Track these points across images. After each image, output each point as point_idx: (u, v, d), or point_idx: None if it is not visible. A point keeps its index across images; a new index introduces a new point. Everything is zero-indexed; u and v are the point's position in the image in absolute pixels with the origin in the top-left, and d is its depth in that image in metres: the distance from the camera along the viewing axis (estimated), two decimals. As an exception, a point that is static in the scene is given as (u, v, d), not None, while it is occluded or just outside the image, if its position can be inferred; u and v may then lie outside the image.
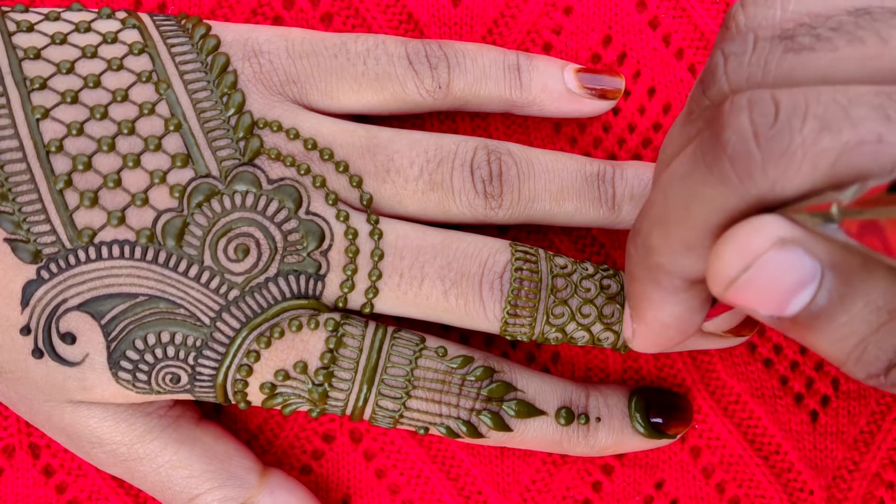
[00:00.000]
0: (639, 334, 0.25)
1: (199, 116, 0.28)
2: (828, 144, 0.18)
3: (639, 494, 0.33)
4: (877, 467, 0.33)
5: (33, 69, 0.28)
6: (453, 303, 0.29)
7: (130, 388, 0.28)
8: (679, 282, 0.22)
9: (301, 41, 0.30)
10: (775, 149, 0.18)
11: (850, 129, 0.18)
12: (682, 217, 0.21)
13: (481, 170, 0.30)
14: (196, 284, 0.28)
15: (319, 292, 0.29)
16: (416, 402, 0.29)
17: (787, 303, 0.19)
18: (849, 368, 0.20)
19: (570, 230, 0.34)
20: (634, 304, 0.24)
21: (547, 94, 0.31)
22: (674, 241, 0.21)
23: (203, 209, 0.28)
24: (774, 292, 0.19)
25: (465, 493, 0.33)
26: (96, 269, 0.27)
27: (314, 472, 0.33)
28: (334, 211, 0.29)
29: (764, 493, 0.33)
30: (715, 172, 0.19)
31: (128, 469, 0.29)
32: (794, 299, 0.19)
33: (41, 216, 0.27)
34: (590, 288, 0.30)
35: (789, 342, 0.34)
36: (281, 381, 0.28)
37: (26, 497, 0.32)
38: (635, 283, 0.24)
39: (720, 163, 0.19)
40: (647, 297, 0.23)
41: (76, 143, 0.27)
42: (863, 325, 0.19)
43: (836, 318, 0.19)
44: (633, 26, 0.34)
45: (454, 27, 0.34)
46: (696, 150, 0.20)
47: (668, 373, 0.33)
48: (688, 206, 0.20)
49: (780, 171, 0.18)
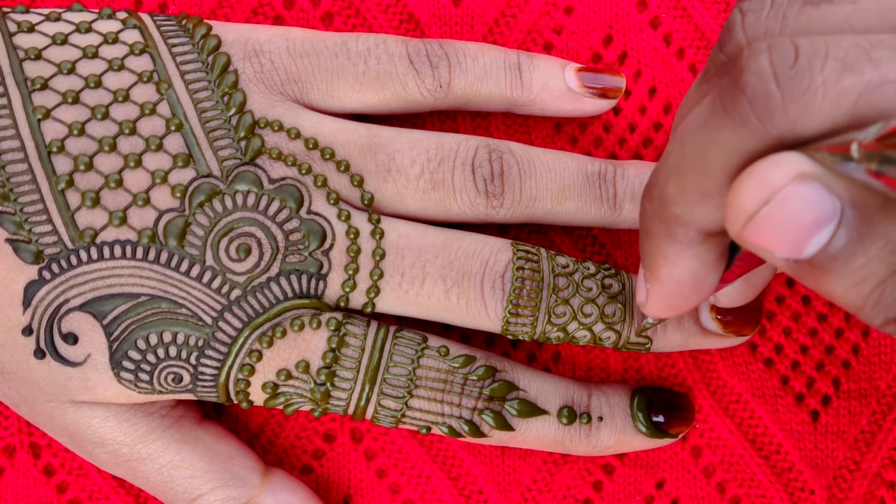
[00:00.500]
0: (652, 295, 0.25)
1: (200, 116, 0.28)
2: (849, 84, 0.18)
3: (639, 494, 0.33)
4: (878, 467, 0.33)
5: (34, 69, 0.28)
6: (455, 302, 0.29)
7: (132, 388, 0.28)
8: (694, 234, 0.22)
9: (302, 41, 0.30)
10: (796, 88, 0.18)
11: (873, 68, 0.18)
12: (700, 164, 0.20)
13: (482, 168, 0.30)
14: (198, 284, 0.28)
15: (321, 292, 0.29)
16: (419, 401, 0.29)
17: (805, 242, 0.19)
18: (866, 314, 0.19)
19: (571, 230, 0.34)
20: (648, 261, 0.24)
21: (548, 93, 0.31)
22: (690, 190, 0.21)
23: (205, 209, 0.28)
24: (792, 230, 0.18)
25: (466, 493, 0.33)
26: (98, 270, 0.27)
27: (315, 472, 0.33)
28: (336, 210, 0.29)
29: (765, 492, 0.33)
30: (733, 115, 0.19)
31: (130, 469, 0.29)
32: (813, 239, 0.18)
33: (43, 216, 0.27)
34: (591, 287, 0.30)
35: (790, 342, 0.34)
36: (283, 381, 0.28)
37: (27, 497, 0.32)
38: (650, 239, 0.24)
39: (739, 105, 0.19)
40: (662, 253, 0.23)
41: (77, 143, 0.27)
42: (882, 266, 0.19)
43: (855, 259, 0.19)
44: (634, 26, 0.34)
45: (455, 27, 0.34)
46: (714, 98, 0.20)
47: (670, 372, 0.34)
48: (705, 151, 0.20)
49: (801, 110, 0.18)
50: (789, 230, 0.19)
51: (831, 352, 0.34)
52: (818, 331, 0.34)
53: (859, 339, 0.34)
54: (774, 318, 0.34)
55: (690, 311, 0.31)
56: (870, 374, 0.34)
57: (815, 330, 0.34)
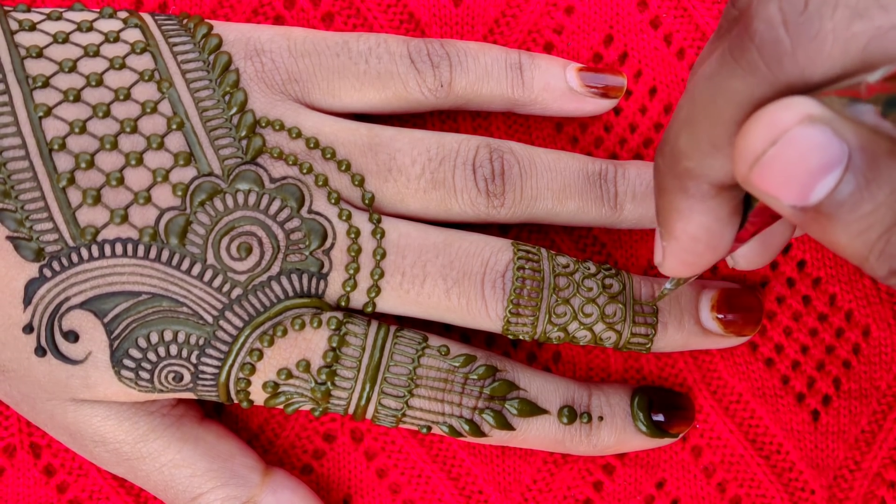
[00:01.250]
0: (668, 253, 0.25)
1: (201, 115, 0.28)
2: (859, 29, 0.18)
3: (640, 494, 0.33)
4: (878, 467, 0.33)
5: (35, 67, 0.28)
6: (455, 302, 0.29)
7: (133, 386, 0.28)
8: (707, 187, 0.22)
9: (303, 40, 0.30)
10: (805, 34, 0.18)
11: (883, 14, 0.18)
12: (710, 114, 0.21)
13: (483, 168, 0.30)
14: (199, 283, 0.28)
15: (322, 291, 0.29)
16: (419, 400, 0.29)
17: (811, 188, 0.19)
18: (871, 264, 0.19)
19: (571, 230, 0.34)
20: (663, 218, 0.24)
21: (549, 92, 0.31)
22: (701, 142, 0.21)
23: (206, 208, 0.28)
24: (799, 174, 0.18)
25: (467, 493, 0.33)
26: (99, 268, 0.27)
27: (315, 472, 0.33)
28: (336, 210, 0.29)
29: (765, 492, 0.33)
30: (742, 63, 0.19)
31: (130, 468, 0.29)
32: (819, 183, 0.18)
33: (44, 214, 0.27)
34: (592, 287, 0.30)
35: (790, 342, 0.34)
36: (284, 380, 0.28)
37: (27, 497, 0.32)
38: (664, 195, 0.24)
39: (748, 53, 0.19)
40: (676, 208, 0.23)
41: (79, 141, 0.27)
42: (888, 213, 0.19)
43: (861, 206, 0.19)
44: (635, 26, 0.34)
45: (455, 27, 0.34)
46: (724, 49, 0.20)
47: (670, 372, 0.34)
48: (715, 101, 0.20)
49: (810, 56, 0.18)
50: (796, 174, 0.19)
51: (832, 351, 0.34)
52: (819, 330, 0.34)
53: (860, 338, 0.34)
54: (775, 317, 0.34)
55: (692, 311, 0.31)
56: (870, 374, 0.34)
57: (815, 330, 0.34)
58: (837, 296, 0.34)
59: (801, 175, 0.18)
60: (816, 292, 0.34)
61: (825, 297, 0.34)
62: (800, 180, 0.19)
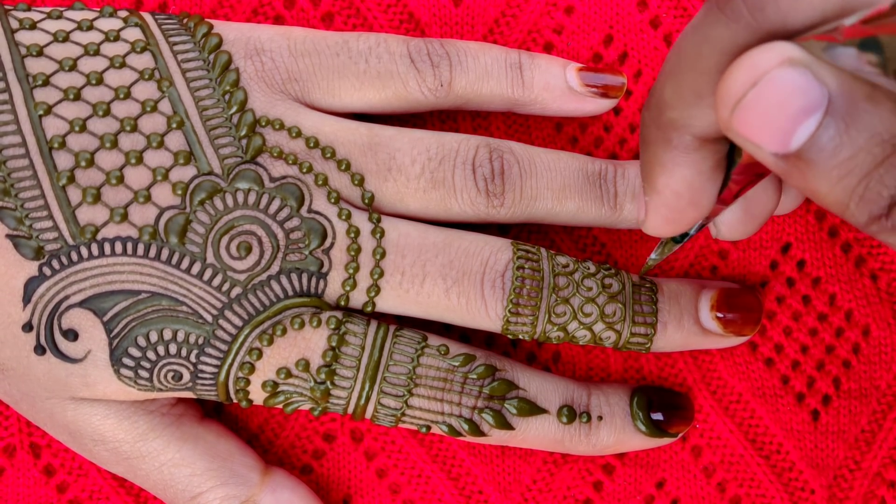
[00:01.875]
0: (651, 209, 0.25)
1: (201, 114, 0.28)
2: None
3: (640, 494, 0.33)
4: (878, 466, 0.33)
5: (36, 66, 0.28)
6: (455, 301, 0.29)
7: (132, 385, 0.28)
8: (690, 139, 0.22)
9: (303, 40, 0.30)
10: None
11: None
12: (693, 63, 0.21)
13: (483, 168, 0.30)
14: (198, 282, 0.28)
15: (321, 290, 0.29)
16: (418, 400, 0.29)
17: (791, 132, 0.19)
18: (851, 212, 0.19)
19: (571, 229, 0.34)
20: (646, 172, 0.24)
21: (549, 92, 0.31)
22: (685, 92, 0.22)
23: (205, 207, 0.28)
24: (779, 118, 0.19)
25: (466, 493, 0.33)
26: (99, 266, 0.27)
27: (315, 472, 0.33)
28: (336, 209, 0.29)
29: (765, 492, 0.33)
30: (727, 11, 0.20)
31: (130, 467, 0.29)
32: (800, 127, 0.19)
33: (43, 212, 0.27)
34: (591, 287, 0.30)
35: (790, 342, 0.34)
36: (283, 379, 0.28)
37: (27, 497, 0.32)
38: (647, 148, 0.24)
39: (732, 1, 0.20)
40: (659, 161, 0.24)
41: (79, 139, 0.27)
42: (867, 158, 0.19)
43: (841, 152, 0.19)
44: (635, 26, 0.34)
45: (455, 27, 0.34)
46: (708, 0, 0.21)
47: (669, 372, 0.34)
48: (699, 50, 0.21)
49: (792, 2, 0.19)
50: (776, 117, 0.19)
51: (832, 351, 0.34)
52: (818, 330, 0.34)
53: (860, 338, 0.34)
54: (774, 317, 0.34)
55: (691, 311, 0.31)
56: (870, 374, 0.34)
57: (815, 329, 0.34)
58: (837, 295, 0.34)
59: (781, 118, 0.19)
60: (816, 292, 0.34)
61: (825, 297, 0.34)
62: (780, 124, 0.19)
